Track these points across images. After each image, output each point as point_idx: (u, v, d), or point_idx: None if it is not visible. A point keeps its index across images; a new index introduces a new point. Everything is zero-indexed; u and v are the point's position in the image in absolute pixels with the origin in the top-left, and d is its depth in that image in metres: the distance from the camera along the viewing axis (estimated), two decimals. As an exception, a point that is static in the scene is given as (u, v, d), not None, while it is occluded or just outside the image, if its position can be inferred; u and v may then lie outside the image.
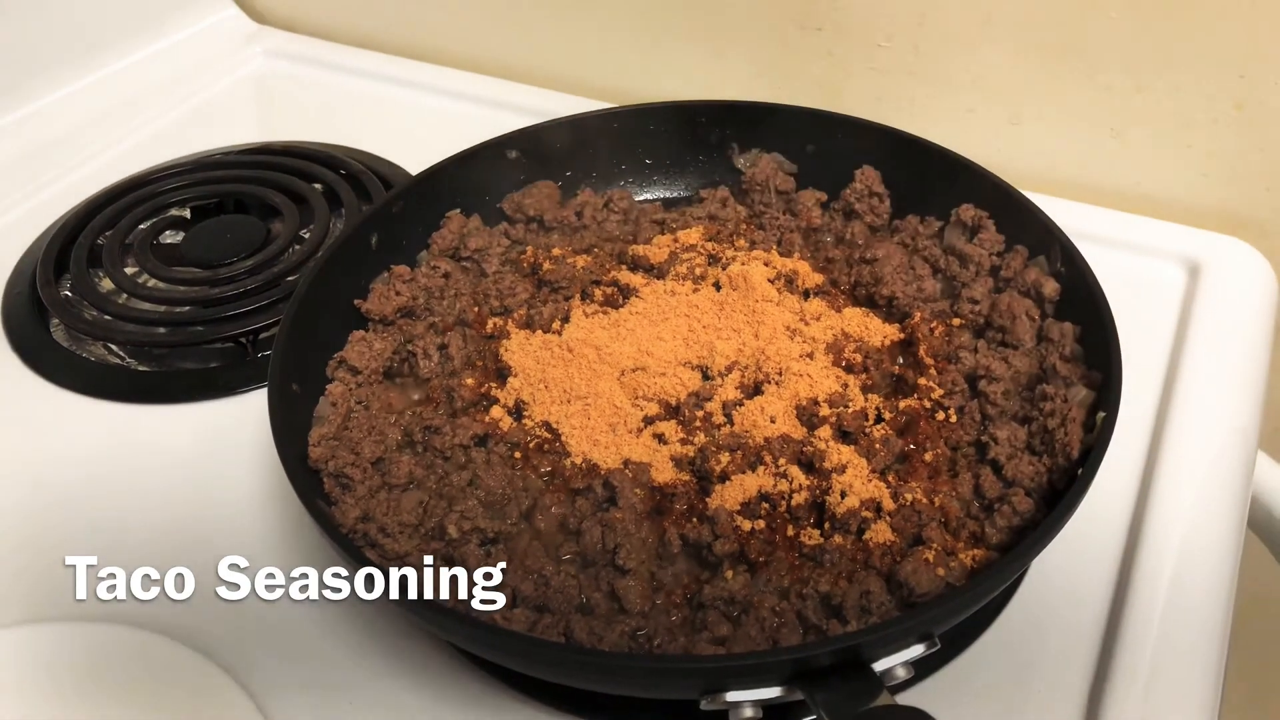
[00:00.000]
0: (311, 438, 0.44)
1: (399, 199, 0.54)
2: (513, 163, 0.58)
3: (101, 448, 0.52)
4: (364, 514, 0.41)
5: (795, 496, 0.42)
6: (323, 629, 0.43)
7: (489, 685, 0.41)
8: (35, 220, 0.67)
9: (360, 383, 0.48)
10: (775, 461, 0.43)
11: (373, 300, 0.52)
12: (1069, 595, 0.43)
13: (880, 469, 0.43)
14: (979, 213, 0.51)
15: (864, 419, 0.44)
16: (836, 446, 0.43)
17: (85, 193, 0.69)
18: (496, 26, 0.81)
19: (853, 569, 0.40)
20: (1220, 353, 0.53)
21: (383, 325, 0.51)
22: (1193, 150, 0.61)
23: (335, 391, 0.47)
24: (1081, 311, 0.46)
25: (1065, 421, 0.41)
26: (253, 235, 0.63)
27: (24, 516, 0.49)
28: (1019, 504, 0.40)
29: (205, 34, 0.87)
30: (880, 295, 0.51)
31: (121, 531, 0.47)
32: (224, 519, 0.48)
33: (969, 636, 0.42)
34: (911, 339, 0.48)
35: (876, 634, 0.35)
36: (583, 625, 0.37)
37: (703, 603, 0.38)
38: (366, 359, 0.49)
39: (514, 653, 0.36)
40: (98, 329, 0.58)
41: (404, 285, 0.52)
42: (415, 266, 0.54)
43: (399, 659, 0.42)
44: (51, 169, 0.72)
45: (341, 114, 0.78)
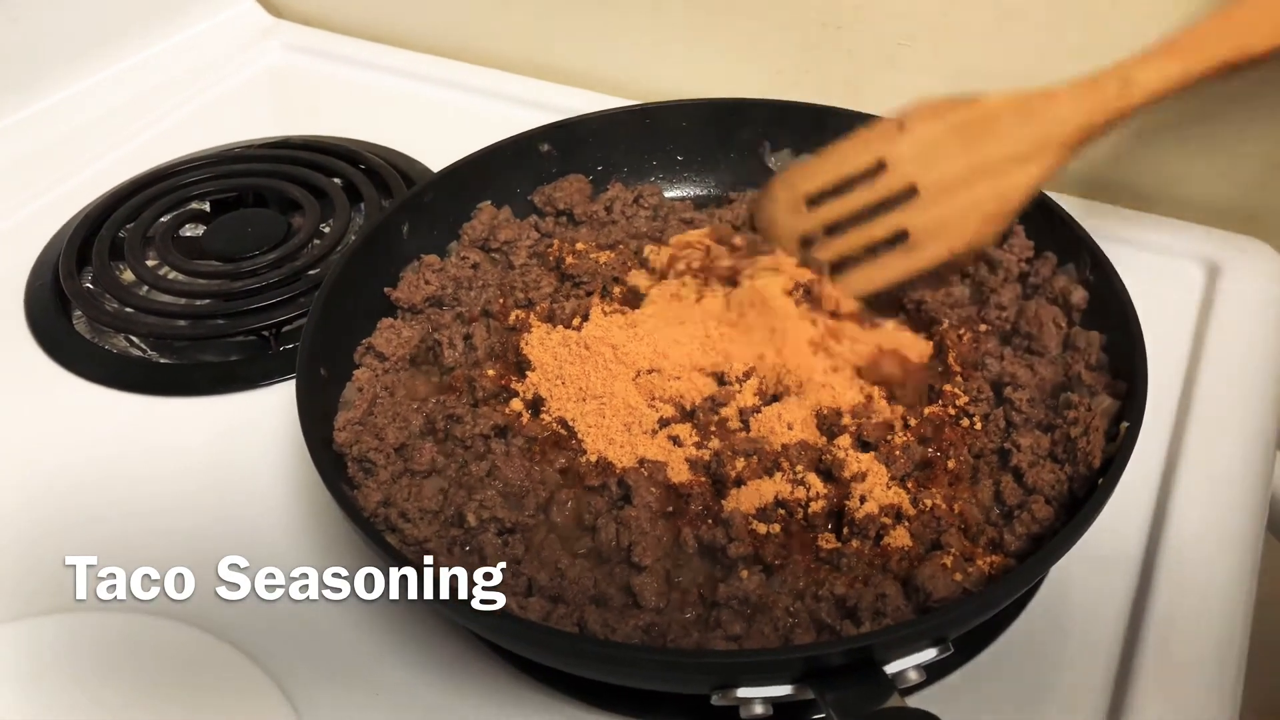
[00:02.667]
0: (337, 422, 0.46)
1: (430, 189, 0.57)
2: (544, 156, 0.60)
3: (122, 438, 0.55)
4: (385, 499, 0.43)
5: (813, 504, 0.43)
6: (346, 616, 0.44)
7: (506, 671, 0.43)
8: (56, 213, 0.70)
9: (387, 369, 0.50)
10: (793, 468, 0.44)
11: (402, 288, 0.54)
12: (1086, 601, 0.45)
13: (900, 475, 0.44)
14: None
15: (889, 430, 0.45)
16: (856, 455, 0.44)
17: (104, 186, 0.71)
18: (515, 23, 0.83)
19: (869, 573, 0.41)
20: (1240, 353, 0.54)
21: (411, 313, 0.53)
22: (1213, 149, 0.61)
23: (362, 377, 0.49)
24: (1108, 319, 0.47)
25: (1088, 430, 0.42)
26: (273, 229, 0.65)
27: (46, 504, 0.51)
28: (1039, 511, 0.41)
29: (222, 28, 0.89)
30: (909, 300, 0.52)
31: (140, 523, 0.49)
32: (244, 510, 0.50)
33: (982, 642, 0.43)
34: (941, 346, 0.49)
35: (889, 635, 0.36)
36: (597, 617, 0.38)
37: (717, 601, 0.40)
38: (394, 346, 0.51)
39: (529, 641, 0.38)
40: (120, 321, 0.60)
41: (433, 275, 0.54)
42: (445, 256, 0.56)
43: (422, 648, 0.44)
44: (70, 162, 0.75)
45: (358, 109, 0.81)
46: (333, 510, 0.49)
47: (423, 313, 0.53)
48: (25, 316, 0.62)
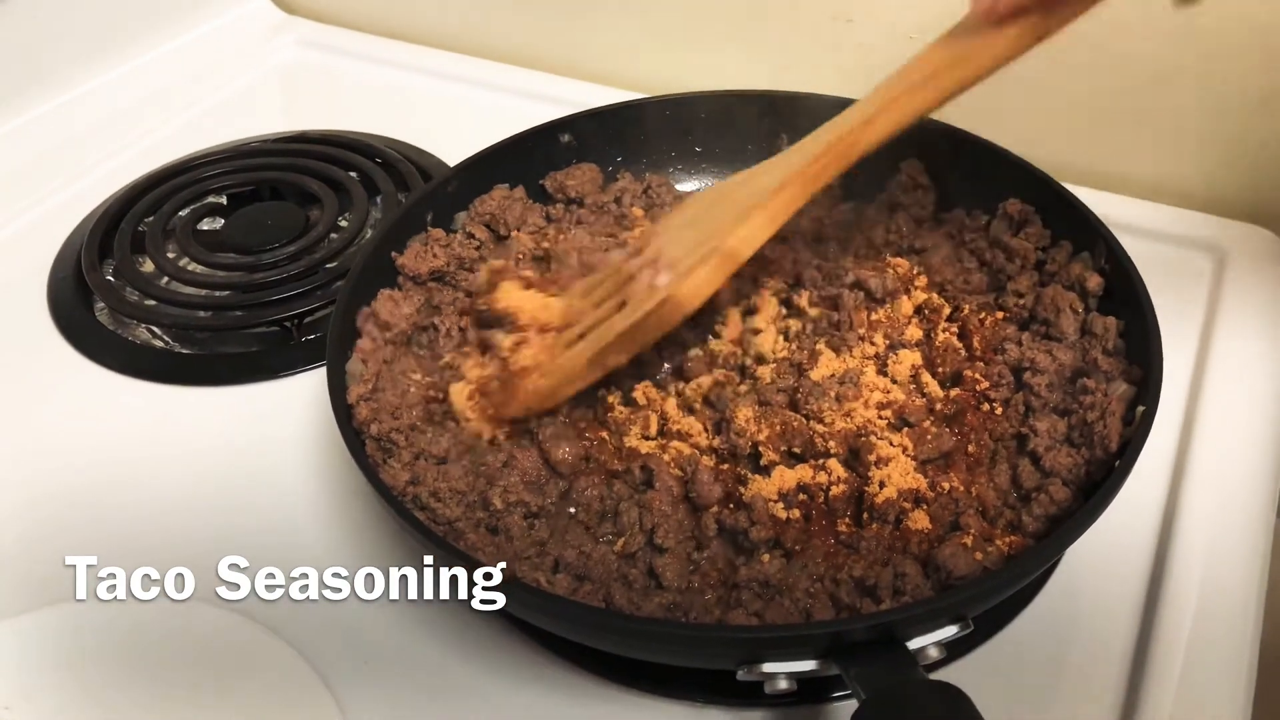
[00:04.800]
0: (350, 396, 0.47)
1: (454, 178, 0.58)
2: (565, 147, 0.61)
3: (146, 426, 0.56)
4: (413, 478, 0.44)
5: (834, 489, 0.44)
6: (383, 606, 0.45)
7: (540, 654, 0.44)
8: (76, 206, 0.71)
9: (388, 340, 0.51)
10: (825, 444, 0.44)
11: (409, 256, 0.55)
12: (1102, 583, 0.46)
13: (924, 459, 0.45)
14: (1025, 207, 0.54)
15: (926, 414, 0.46)
16: (888, 435, 0.45)
17: (122, 181, 0.73)
18: (526, 17, 0.84)
19: (889, 556, 0.42)
20: (1248, 339, 0.56)
21: (414, 283, 0.54)
22: (1217, 140, 0.62)
23: (365, 347, 0.50)
24: (1123, 307, 0.48)
25: (1105, 415, 0.43)
26: (292, 222, 0.66)
27: (72, 491, 0.52)
28: (1056, 493, 0.42)
29: (235, 24, 0.91)
30: (931, 282, 0.53)
31: (166, 509, 0.51)
32: (269, 498, 0.51)
33: (1000, 621, 0.44)
34: (964, 331, 0.50)
35: (913, 610, 0.37)
36: (622, 594, 0.39)
37: (737, 583, 0.41)
38: (396, 318, 0.52)
39: (557, 616, 0.39)
40: (142, 311, 0.61)
41: (440, 249, 0.55)
42: (452, 229, 0.57)
43: (453, 632, 0.45)
44: (89, 157, 0.76)
45: (371, 104, 0.82)
46: (357, 496, 0.50)
47: (424, 284, 0.54)
48: (49, 307, 0.63)
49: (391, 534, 0.48)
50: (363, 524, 0.49)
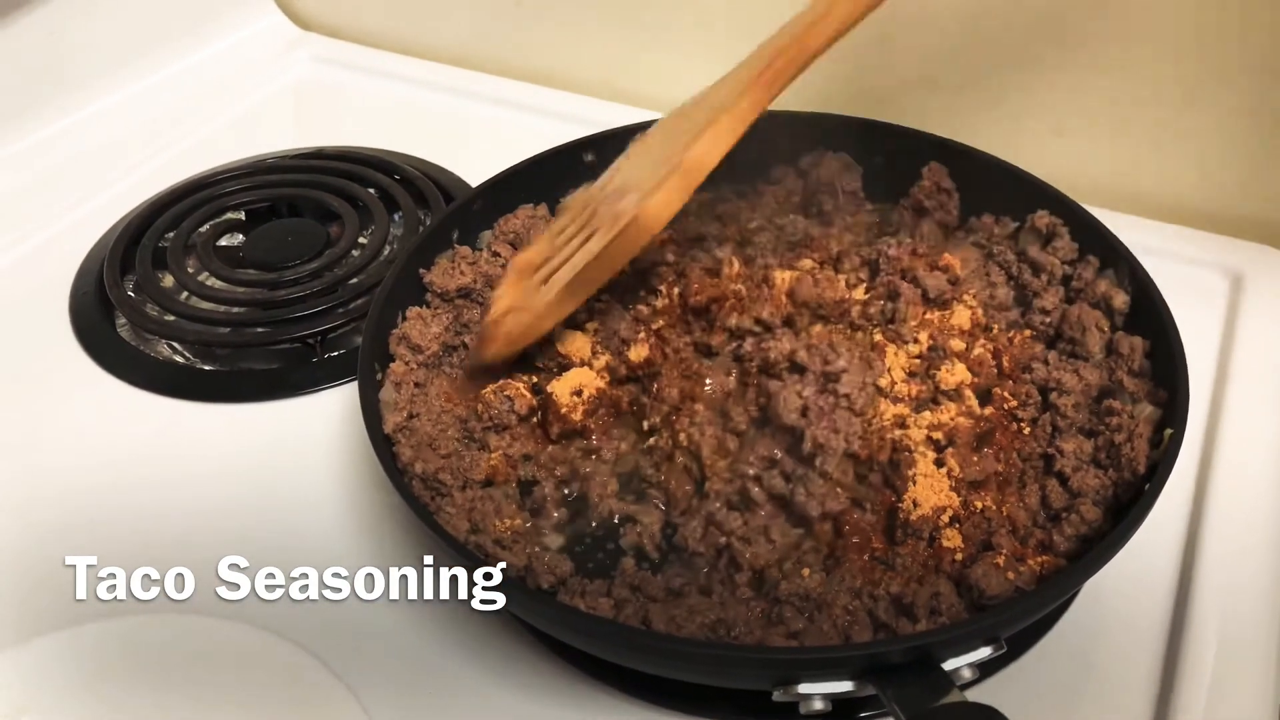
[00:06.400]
0: (386, 425, 0.47)
1: (478, 197, 0.59)
2: (589, 166, 0.61)
3: (167, 442, 0.57)
4: (472, 526, 0.44)
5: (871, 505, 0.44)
6: (409, 615, 0.46)
7: (569, 671, 0.44)
8: (97, 221, 0.72)
9: (420, 363, 0.52)
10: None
11: (436, 273, 0.55)
12: (1128, 602, 0.46)
13: (970, 481, 0.45)
14: (1054, 220, 0.54)
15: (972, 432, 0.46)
16: (928, 451, 0.45)
17: (141, 196, 0.73)
18: (542, 35, 0.84)
19: (923, 573, 0.42)
20: (1267, 360, 0.56)
21: (442, 300, 0.55)
22: (1238, 162, 0.63)
23: (398, 371, 0.51)
24: (1147, 330, 0.48)
25: (1132, 437, 0.44)
26: (313, 238, 0.67)
27: (93, 505, 0.52)
28: (1087, 513, 0.43)
29: (250, 41, 0.91)
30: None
31: (187, 525, 0.51)
32: (293, 515, 0.51)
33: (1028, 640, 0.44)
34: (996, 351, 0.50)
35: (950, 633, 0.37)
36: (661, 613, 0.39)
37: (779, 598, 0.41)
38: (427, 339, 0.52)
39: (594, 636, 0.40)
40: (163, 327, 0.62)
41: (467, 267, 0.56)
42: (477, 247, 0.58)
43: (483, 646, 0.45)
44: (107, 173, 0.76)
45: (387, 120, 0.83)
46: (384, 513, 0.50)
47: (452, 301, 0.55)
48: (71, 321, 0.63)
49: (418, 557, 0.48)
50: (392, 555, 0.48)
